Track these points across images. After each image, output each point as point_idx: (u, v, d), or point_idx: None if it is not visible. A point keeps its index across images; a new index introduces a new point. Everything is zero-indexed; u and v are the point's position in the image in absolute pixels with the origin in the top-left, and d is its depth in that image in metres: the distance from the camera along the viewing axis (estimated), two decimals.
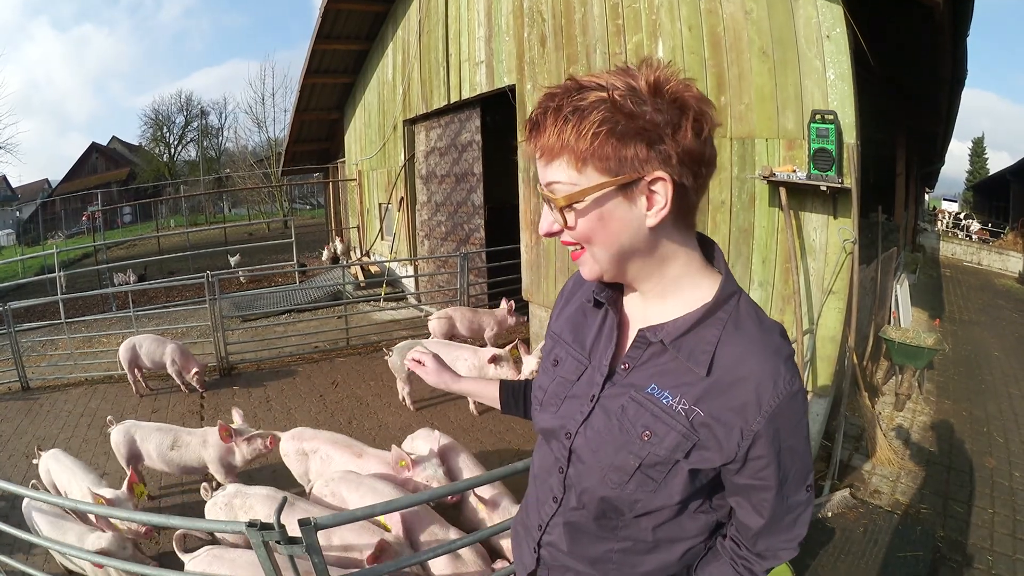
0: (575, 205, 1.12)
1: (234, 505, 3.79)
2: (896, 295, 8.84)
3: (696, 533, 1.33)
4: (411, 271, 13.42)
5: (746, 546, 1.30)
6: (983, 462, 5.74)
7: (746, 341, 1.15)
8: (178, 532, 3.67)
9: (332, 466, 4.44)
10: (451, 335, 8.18)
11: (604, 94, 1.05)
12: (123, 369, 7.62)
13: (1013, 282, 18.49)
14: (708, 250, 1.29)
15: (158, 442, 4.98)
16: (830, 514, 4.80)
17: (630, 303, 1.34)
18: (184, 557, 3.48)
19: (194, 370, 7.40)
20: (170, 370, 7.41)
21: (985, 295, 15.58)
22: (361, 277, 13.69)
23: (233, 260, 17.92)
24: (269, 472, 5.48)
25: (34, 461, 4.75)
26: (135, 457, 5.00)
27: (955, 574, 4.17)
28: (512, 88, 8.63)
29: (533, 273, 8.82)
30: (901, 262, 10.78)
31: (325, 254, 17.66)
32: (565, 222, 1.16)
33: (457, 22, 9.98)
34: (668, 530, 1.29)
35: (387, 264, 13.80)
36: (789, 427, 1.15)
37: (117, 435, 5.05)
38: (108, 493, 3.73)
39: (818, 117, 4.64)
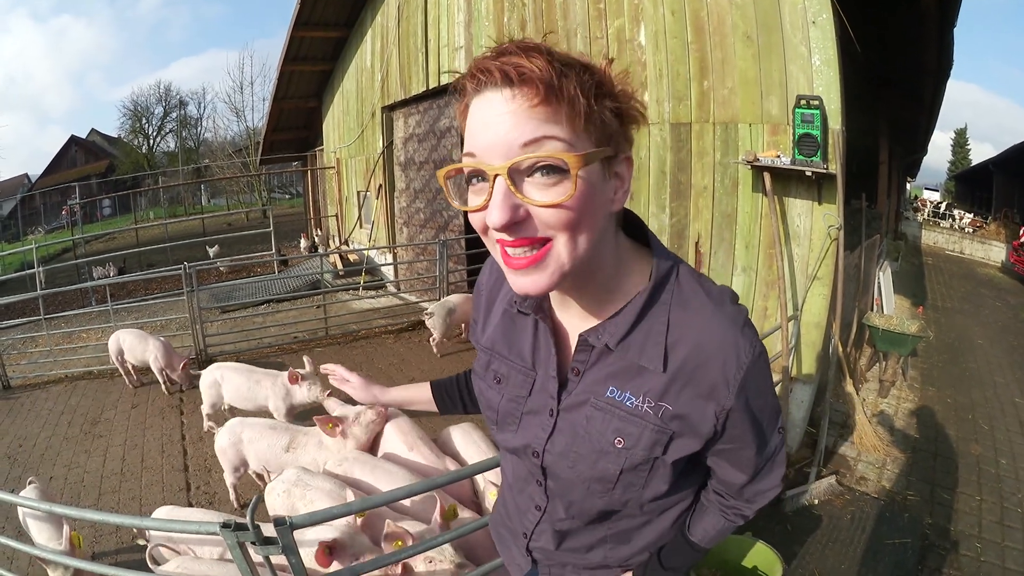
0: (581, 173, 0.89)
1: (293, 495, 3.61)
2: (879, 282, 8.85)
3: (683, 498, 1.31)
4: (390, 259, 13.32)
5: (732, 496, 1.28)
6: (969, 449, 5.75)
7: (698, 321, 1.06)
8: (148, 549, 3.54)
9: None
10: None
11: (580, 59, 0.94)
12: (113, 362, 7.51)
13: (996, 271, 18.68)
14: (629, 221, 1.17)
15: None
16: (816, 501, 4.77)
17: (559, 304, 1.19)
18: (156, 569, 3.38)
19: (180, 365, 7.25)
20: (153, 367, 7.24)
21: (968, 284, 15.72)
22: (340, 266, 13.57)
23: (212, 251, 17.76)
24: None
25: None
26: None
27: (943, 561, 4.15)
28: None
29: None
30: (884, 250, 10.81)
31: (303, 243, 17.52)
32: (567, 195, 0.88)
33: (436, 7, 9.85)
34: (656, 505, 1.25)
35: (366, 252, 13.68)
36: (757, 390, 1.09)
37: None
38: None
39: (803, 102, 4.60)
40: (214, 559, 3.33)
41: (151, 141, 45.13)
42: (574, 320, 1.17)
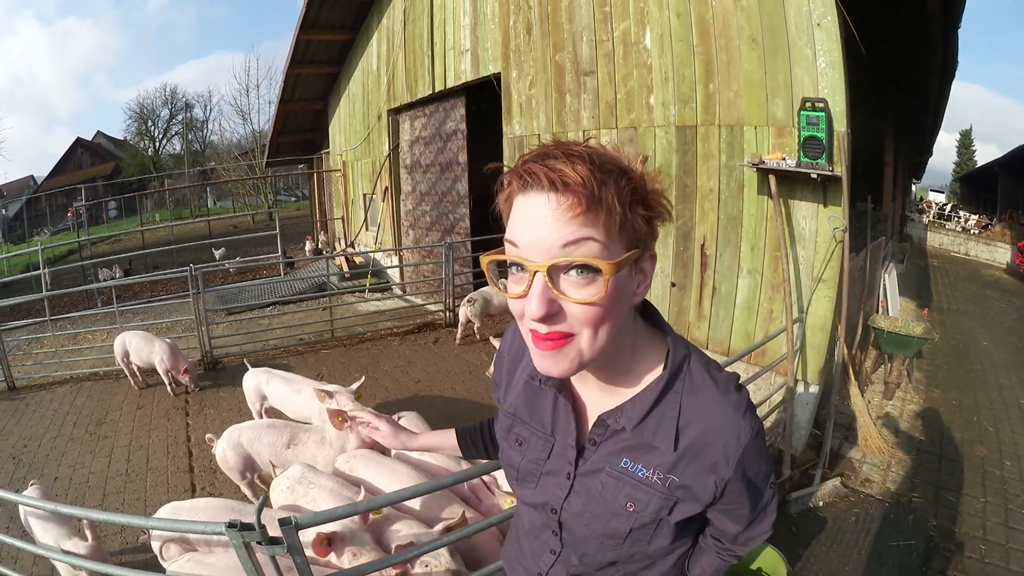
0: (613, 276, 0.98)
1: (297, 491, 3.65)
2: (884, 284, 8.83)
3: (684, 544, 1.36)
4: (396, 261, 13.35)
5: (727, 542, 1.37)
6: (973, 451, 5.74)
7: (706, 408, 1.16)
8: (159, 547, 3.56)
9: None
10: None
11: (620, 164, 1.02)
12: (119, 364, 7.53)
13: (1001, 273, 18.60)
14: (648, 314, 1.28)
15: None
16: (821, 503, 4.77)
17: (578, 380, 1.30)
18: (165, 564, 3.40)
19: (184, 368, 7.25)
20: (159, 369, 7.24)
21: (973, 285, 15.66)
22: (346, 268, 13.58)
23: (218, 253, 17.77)
24: None
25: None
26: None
27: (948, 563, 4.16)
28: (497, 76, 8.58)
29: None
30: (889, 251, 10.79)
31: (308, 246, 17.51)
32: (599, 296, 0.97)
33: (442, 10, 9.88)
34: (660, 551, 1.31)
35: (372, 255, 13.71)
36: (752, 462, 1.18)
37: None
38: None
39: (808, 105, 4.61)
40: (225, 550, 3.33)
41: (157, 144, 45.26)
42: (592, 395, 1.28)
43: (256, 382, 5.84)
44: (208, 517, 3.50)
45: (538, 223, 0.97)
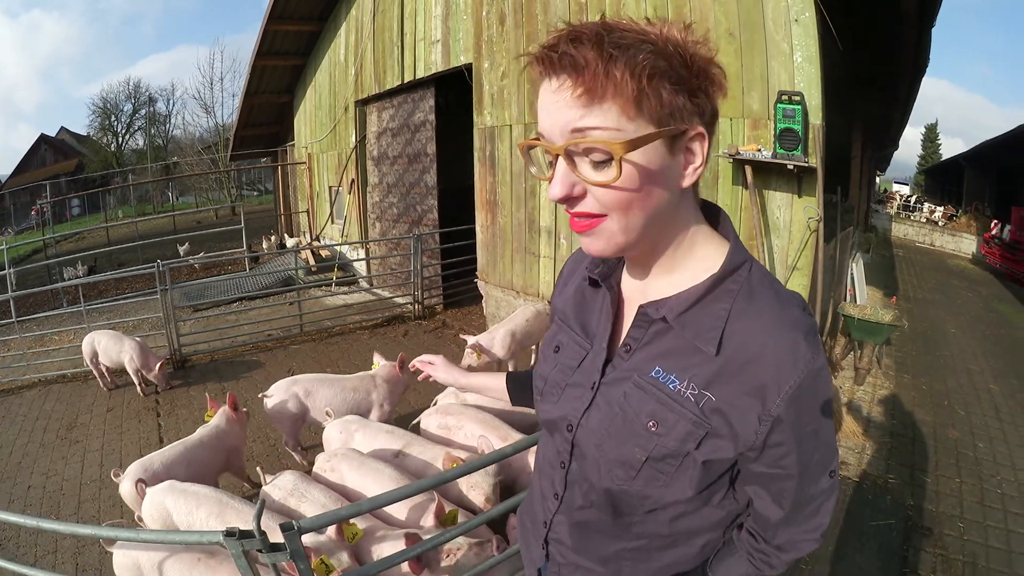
0: (628, 158, 0.93)
1: (289, 503, 3.60)
2: (852, 273, 8.96)
3: (716, 525, 1.22)
4: (363, 254, 13.27)
5: (764, 539, 1.20)
6: (946, 434, 5.87)
7: (761, 315, 1.03)
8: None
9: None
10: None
11: (643, 36, 0.93)
12: (87, 365, 7.38)
13: (967, 263, 19.04)
14: (713, 216, 1.17)
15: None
16: None
17: (630, 279, 1.21)
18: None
19: (157, 366, 7.11)
20: (128, 368, 7.10)
21: (939, 274, 15.99)
22: (312, 262, 13.48)
23: (182, 249, 17.51)
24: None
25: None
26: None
27: (928, 541, 4.25)
28: (469, 67, 8.55)
29: (488, 254, 8.80)
30: (855, 241, 10.94)
31: (264, 244, 17.30)
32: (613, 178, 0.93)
33: (413, 1, 9.81)
34: (687, 523, 1.18)
35: (338, 248, 13.63)
36: (811, 409, 1.03)
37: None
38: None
39: (785, 98, 4.68)
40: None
41: (120, 139, 44.44)
42: (637, 291, 1.19)
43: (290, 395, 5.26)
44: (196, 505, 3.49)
45: (549, 109, 0.96)
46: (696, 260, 1.11)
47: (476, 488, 3.73)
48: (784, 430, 1.03)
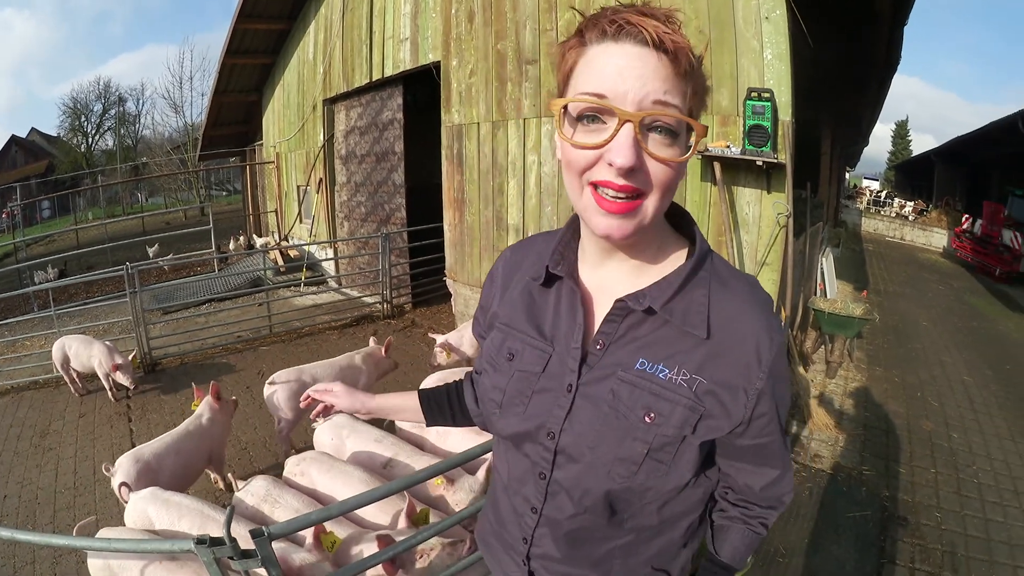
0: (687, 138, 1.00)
1: (263, 509, 3.54)
2: (822, 267, 9.03)
3: (696, 505, 1.27)
4: (331, 254, 13.19)
5: (756, 504, 1.27)
6: (920, 425, 5.94)
7: (737, 298, 1.09)
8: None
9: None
10: None
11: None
12: (58, 371, 7.25)
13: (938, 256, 19.37)
14: (672, 213, 1.19)
15: None
16: None
17: (592, 274, 1.20)
18: None
19: (118, 364, 6.83)
20: (99, 372, 6.96)
21: (910, 268, 16.21)
22: (281, 262, 13.36)
23: (152, 251, 17.25)
24: None
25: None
26: None
27: (905, 531, 4.28)
28: (437, 65, 8.49)
29: (457, 252, 8.74)
30: (825, 236, 11.03)
31: (231, 245, 17.14)
32: (682, 156, 0.98)
33: None
34: (673, 507, 1.21)
35: (306, 248, 13.52)
36: (782, 376, 1.12)
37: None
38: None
39: (754, 95, 4.70)
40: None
41: (90, 139, 43.87)
42: (606, 285, 1.18)
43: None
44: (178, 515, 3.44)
45: (634, 75, 0.93)
46: (664, 252, 1.16)
47: (460, 490, 3.69)
48: (766, 401, 1.09)
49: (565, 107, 1.02)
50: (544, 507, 1.23)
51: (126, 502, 3.73)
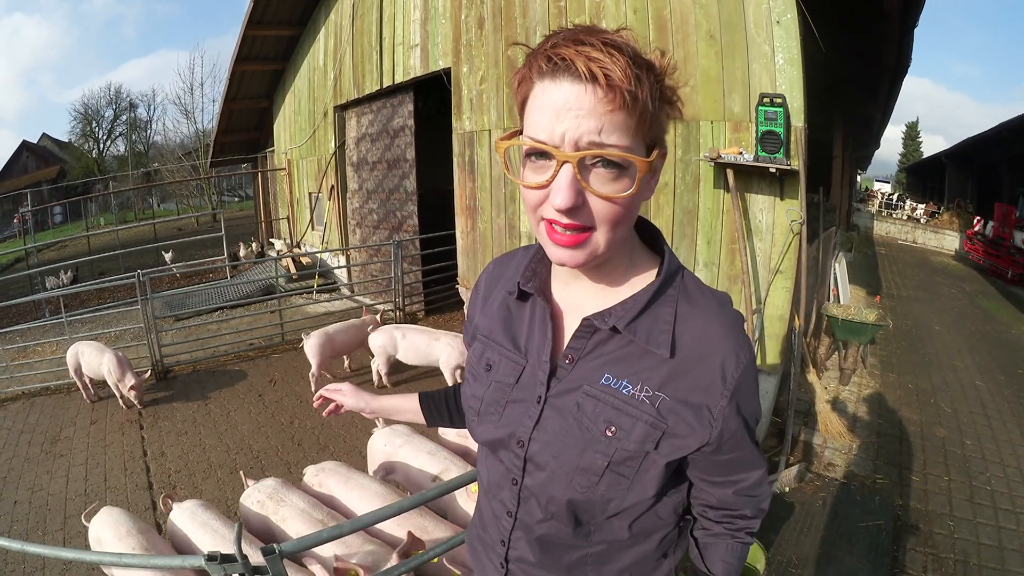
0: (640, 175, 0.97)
1: (267, 507, 3.58)
2: (835, 273, 8.98)
3: (669, 518, 1.28)
4: (343, 261, 13.20)
5: (739, 514, 1.28)
6: (933, 432, 5.89)
7: (704, 316, 1.11)
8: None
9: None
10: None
11: (650, 60, 0.96)
12: (72, 376, 7.31)
13: (950, 259, 19.19)
14: (645, 231, 1.23)
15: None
16: (787, 488, 4.84)
17: (563, 291, 1.23)
18: None
19: (129, 384, 6.92)
20: (108, 381, 7.00)
21: (922, 272, 16.08)
22: (293, 269, 13.38)
23: (168, 256, 17.32)
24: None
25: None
26: None
27: (918, 540, 4.26)
28: (447, 71, 8.48)
29: (469, 259, 8.74)
30: (838, 241, 10.98)
31: (243, 252, 17.18)
32: (629, 192, 0.96)
33: (392, 5, 9.74)
34: (644, 523, 1.23)
35: (319, 255, 13.55)
36: (748, 394, 1.12)
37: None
38: None
39: (767, 100, 4.66)
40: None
41: (101, 145, 44.10)
42: (577, 303, 1.20)
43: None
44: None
45: (570, 114, 0.92)
46: (633, 269, 1.17)
47: None
48: (733, 419, 1.10)
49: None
50: (518, 511, 1.28)
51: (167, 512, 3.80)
